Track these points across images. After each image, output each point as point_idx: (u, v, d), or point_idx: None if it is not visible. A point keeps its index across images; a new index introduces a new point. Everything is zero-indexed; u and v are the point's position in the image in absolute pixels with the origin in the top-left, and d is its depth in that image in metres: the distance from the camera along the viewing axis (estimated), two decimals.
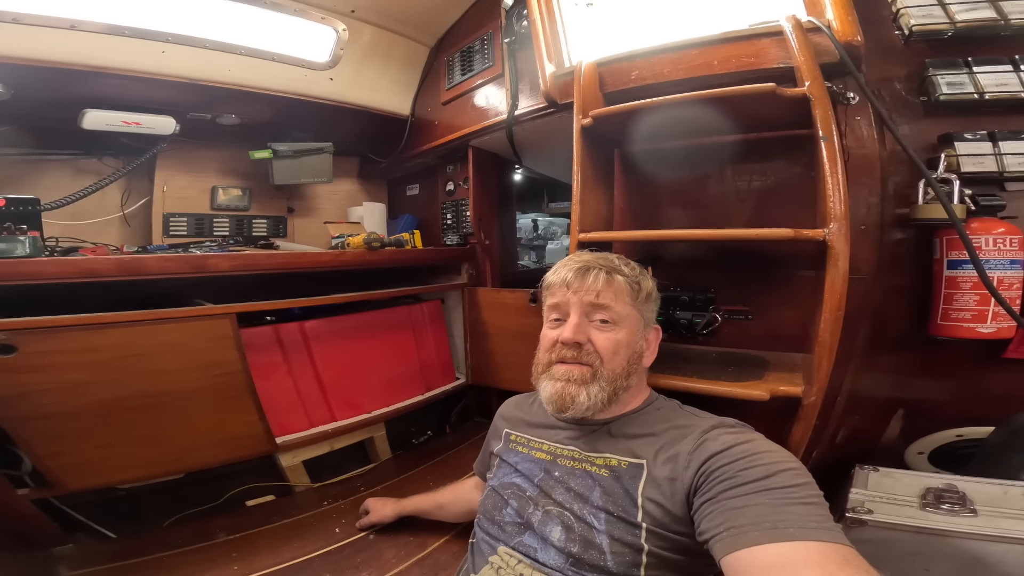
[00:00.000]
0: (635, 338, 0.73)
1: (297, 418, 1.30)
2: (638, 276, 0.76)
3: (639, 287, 0.74)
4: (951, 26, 0.83)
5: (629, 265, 0.77)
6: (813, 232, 0.72)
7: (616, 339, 0.71)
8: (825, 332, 0.72)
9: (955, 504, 0.79)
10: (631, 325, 0.73)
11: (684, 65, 0.93)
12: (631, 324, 0.73)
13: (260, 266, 1.21)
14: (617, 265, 0.75)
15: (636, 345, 0.73)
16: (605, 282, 0.72)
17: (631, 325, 0.73)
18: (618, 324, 0.72)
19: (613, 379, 0.70)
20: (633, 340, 0.73)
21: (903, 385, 1.06)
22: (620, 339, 0.71)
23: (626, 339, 0.72)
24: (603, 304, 0.71)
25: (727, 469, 0.58)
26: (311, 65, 1.51)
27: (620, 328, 0.72)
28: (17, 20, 1.04)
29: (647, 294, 0.76)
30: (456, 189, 1.80)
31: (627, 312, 0.73)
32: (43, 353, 0.90)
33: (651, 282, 0.78)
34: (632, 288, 0.74)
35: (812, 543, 0.48)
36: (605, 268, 0.73)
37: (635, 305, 0.74)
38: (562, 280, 0.74)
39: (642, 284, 0.75)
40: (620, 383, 0.72)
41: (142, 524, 1.15)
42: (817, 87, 0.72)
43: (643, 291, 0.75)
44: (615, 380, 0.71)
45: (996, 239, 0.82)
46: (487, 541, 0.75)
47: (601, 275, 0.72)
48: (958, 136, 0.86)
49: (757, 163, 1.01)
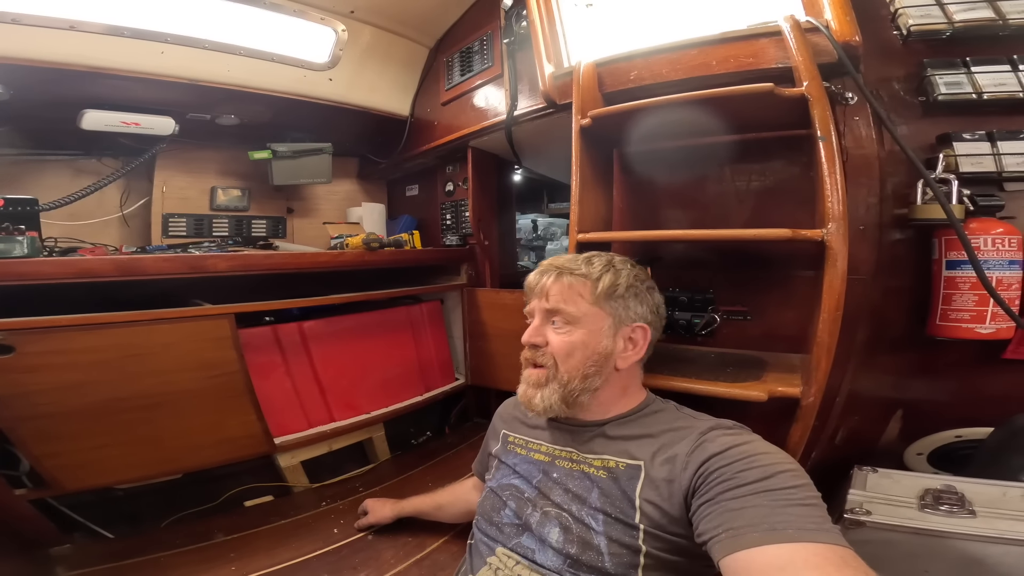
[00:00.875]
0: (595, 338, 0.71)
1: (295, 418, 1.30)
2: (599, 273, 0.72)
3: (599, 283, 0.72)
4: (949, 26, 0.83)
5: (592, 263, 0.74)
6: (811, 232, 0.72)
7: (570, 341, 0.71)
8: (824, 332, 0.72)
9: (954, 505, 0.79)
10: (589, 325, 0.71)
11: (683, 65, 0.92)
12: (589, 324, 0.71)
13: (259, 266, 1.21)
14: (574, 266, 0.74)
15: (597, 345, 0.71)
16: (555, 285, 0.73)
17: (589, 325, 0.71)
18: (573, 325, 0.71)
19: (567, 381, 0.70)
20: (592, 340, 0.71)
21: (902, 386, 1.06)
22: (574, 340, 0.71)
23: (581, 340, 0.71)
24: (554, 308, 0.72)
25: (725, 471, 0.58)
26: (310, 66, 1.51)
27: (576, 329, 0.71)
28: (17, 20, 1.04)
29: (613, 289, 0.72)
30: (455, 190, 1.80)
31: (583, 312, 0.71)
32: (41, 353, 0.90)
33: (625, 277, 0.73)
34: (589, 286, 0.72)
35: (810, 544, 0.48)
36: (557, 271, 0.74)
37: (597, 304, 0.71)
38: (528, 286, 0.77)
39: (607, 280, 0.72)
40: (576, 385, 0.70)
41: (140, 524, 1.15)
42: (815, 87, 0.72)
43: (608, 287, 0.71)
44: (569, 382, 0.70)
45: (995, 239, 0.82)
46: (485, 542, 0.75)
47: (551, 277, 0.73)
48: (956, 136, 0.85)
49: (756, 163, 1.01)
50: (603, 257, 0.76)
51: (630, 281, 0.74)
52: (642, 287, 0.76)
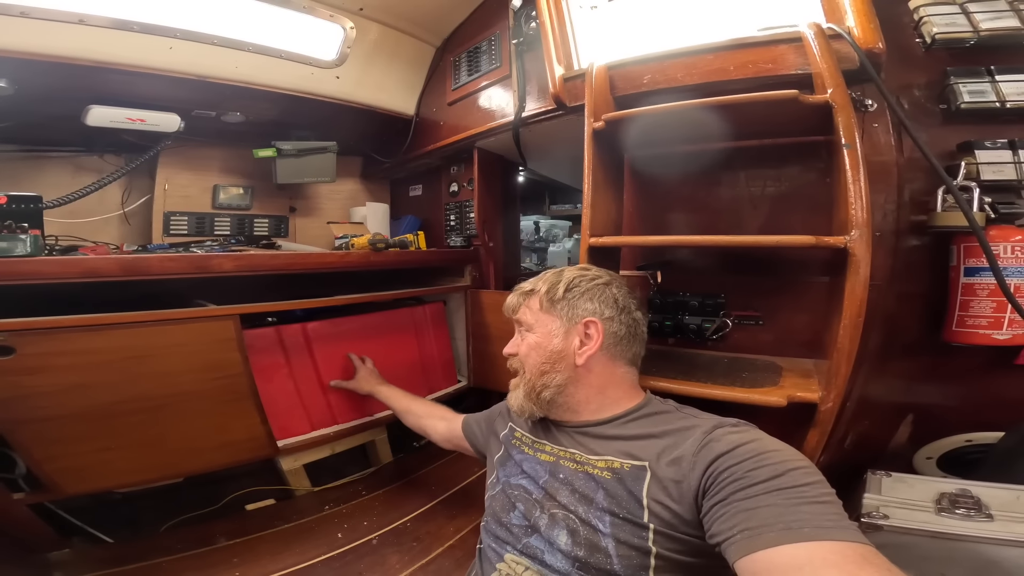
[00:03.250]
0: (546, 339, 0.78)
1: (299, 421, 1.28)
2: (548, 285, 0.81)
3: (542, 291, 0.81)
4: (974, 35, 0.83)
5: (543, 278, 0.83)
6: (834, 239, 0.71)
7: (528, 344, 0.80)
8: (844, 339, 0.71)
9: (970, 509, 0.79)
10: (541, 328, 0.79)
11: (699, 70, 0.92)
12: (541, 327, 0.79)
13: (265, 267, 1.19)
14: (528, 286, 0.84)
15: (548, 345, 0.78)
16: (516, 303, 0.84)
17: (541, 328, 0.79)
18: (530, 332, 0.81)
19: (529, 379, 0.79)
20: (544, 341, 0.78)
21: (913, 390, 1.06)
22: (530, 342, 0.80)
23: (535, 341, 0.79)
24: (517, 319, 0.84)
25: (735, 470, 0.57)
26: (318, 63, 1.49)
27: (531, 334, 0.80)
28: (25, 14, 1.02)
29: (553, 294, 0.79)
30: (460, 190, 1.78)
31: (535, 319, 0.80)
32: (42, 355, 0.87)
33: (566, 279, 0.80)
34: (541, 298, 0.81)
35: (829, 542, 0.47)
36: (518, 292, 0.85)
37: (544, 310, 0.80)
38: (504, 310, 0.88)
39: (545, 287, 0.81)
40: (535, 381, 0.78)
41: (140, 529, 1.13)
42: (840, 94, 0.72)
43: (547, 292, 0.80)
44: (531, 380, 0.79)
45: (1014, 247, 0.82)
46: (493, 547, 0.75)
47: (515, 298, 0.85)
48: (978, 144, 0.86)
49: (771, 169, 1.01)
50: (556, 270, 0.85)
51: (571, 283, 0.80)
52: (589, 284, 0.80)
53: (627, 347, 0.79)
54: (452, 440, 1.07)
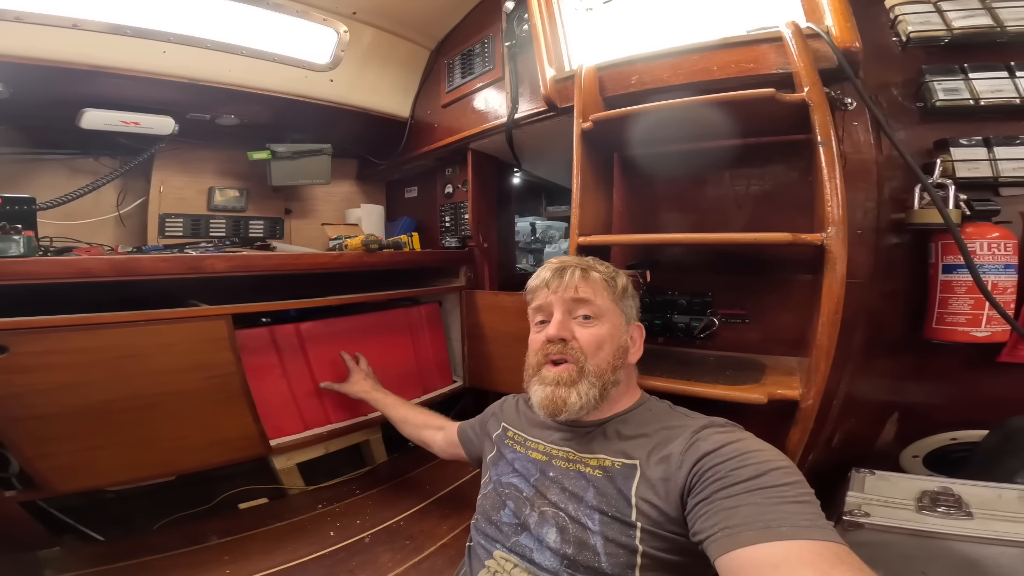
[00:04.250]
0: (618, 332, 0.74)
1: (292, 420, 1.29)
2: (613, 273, 0.78)
3: (615, 283, 0.77)
4: (948, 33, 0.84)
5: (604, 264, 0.80)
6: (811, 236, 0.72)
7: (599, 333, 0.72)
8: (823, 335, 0.72)
9: (951, 507, 0.79)
10: (613, 320, 0.74)
11: (684, 70, 0.93)
12: (613, 319, 0.74)
13: (257, 267, 1.20)
14: (592, 263, 0.78)
15: (620, 339, 0.74)
16: (582, 278, 0.74)
17: (613, 320, 0.74)
18: (600, 319, 0.73)
19: (600, 374, 0.71)
20: (616, 334, 0.74)
21: (898, 389, 1.06)
22: (603, 333, 0.72)
23: (609, 333, 0.73)
24: (583, 298, 0.73)
25: (719, 469, 0.58)
26: (312, 66, 1.51)
27: (602, 323, 0.73)
28: (20, 19, 1.03)
29: (623, 290, 0.78)
30: (455, 192, 1.80)
31: (607, 306, 0.74)
32: (34, 354, 0.88)
33: (626, 278, 0.80)
34: (609, 284, 0.76)
35: (805, 542, 0.48)
36: (580, 266, 0.76)
37: (614, 300, 0.76)
38: (543, 282, 0.77)
39: (618, 281, 0.78)
40: (608, 378, 0.72)
41: (131, 527, 1.13)
42: (816, 93, 0.73)
43: (619, 287, 0.78)
44: (602, 375, 0.71)
45: (990, 244, 0.83)
46: (483, 544, 0.75)
47: (577, 272, 0.75)
48: (954, 142, 0.87)
49: (755, 168, 1.02)
50: (599, 260, 0.81)
51: (628, 284, 0.80)
52: (632, 289, 0.81)
53: None
54: (450, 450, 1.06)
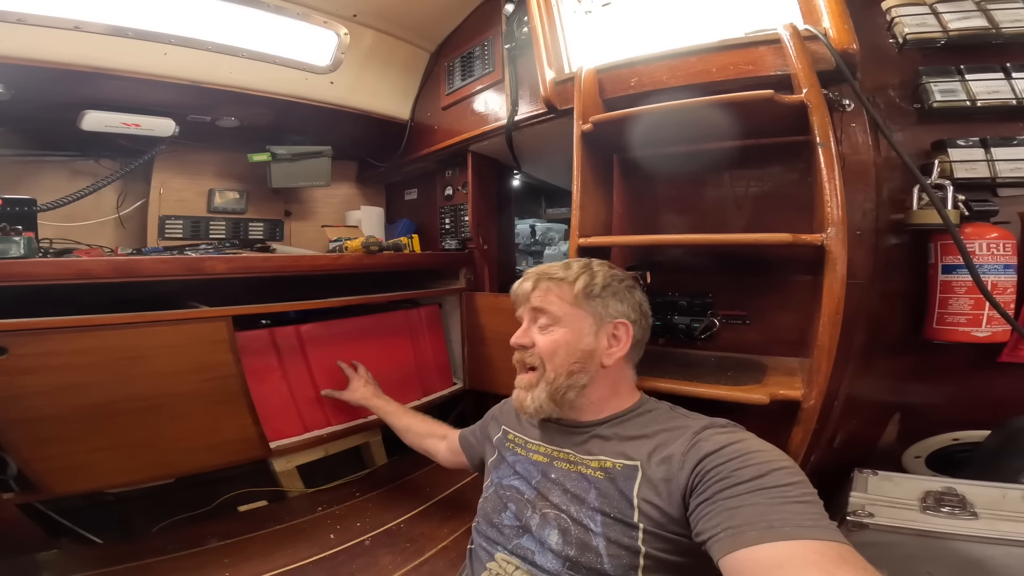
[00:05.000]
0: (577, 336, 0.74)
1: (292, 422, 1.28)
2: (576, 275, 0.76)
3: (574, 285, 0.75)
4: (944, 34, 0.85)
5: (571, 267, 0.78)
6: (811, 237, 0.72)
7: (554, 339, 0.74)
8: (824, 336, 0.72)
9: (955, 507, 0.79)
10: (572, 324, 0.74)
11: (683, 72, 0.94)
12: (572, 323, 0.74)
13: (257, 269, 1.20)
14: (552, 271, 0.78)
15: (579, 343, 0.74)
16: (536, 288, 0.77)
17: (572, 324, 0.74)
18: (555, 325, 0.75)
19: (553, 379, 0.73)
20: (575, 339, 0.74)
21: (899, 389, 1.06)
22: (558, 339, 0.74)
23: (565, 338, 0.74)
24: (539, 307, 0.76)
25: (721, 469, 0.58)
26: (312, 68, 1.51)
27: (558, 328, 0.74)
28: (22, 20, 1.04)
29: (590, 289, 0.75)
30: (455, 194, 1.80)
31: (565, 311, 0.75)
32: (34, 355, 0.88)
33: (599, 277, 0.76)
34: (567, 287, 0.75)
35: (808, 542, 0.48)
36: (539, 276, 0.78)
37: (575, 303, 0.75)
38: (514, 293, 0.82)
39: (583, 281, 0.75)
40: (561, 382, 0.73)
41: (130, 530, 1.13)
42: (814, 94, 0.74)
43: (584, 287, 0.75)
44: (555, 379, 0.73)
45: (989, 244, 0.83)
46: (484, 547, 0.75)
47: (534, 282, 0.78)
48: (951, 143, 0.87)
49: (754, 169, 1.02)
50: (580, 261, 0.80)
51: (606, 280, 0.77)
52: (620, 286, 0.78)
53: (640, 351, 0.81)
54: (453, 458, 1.06)
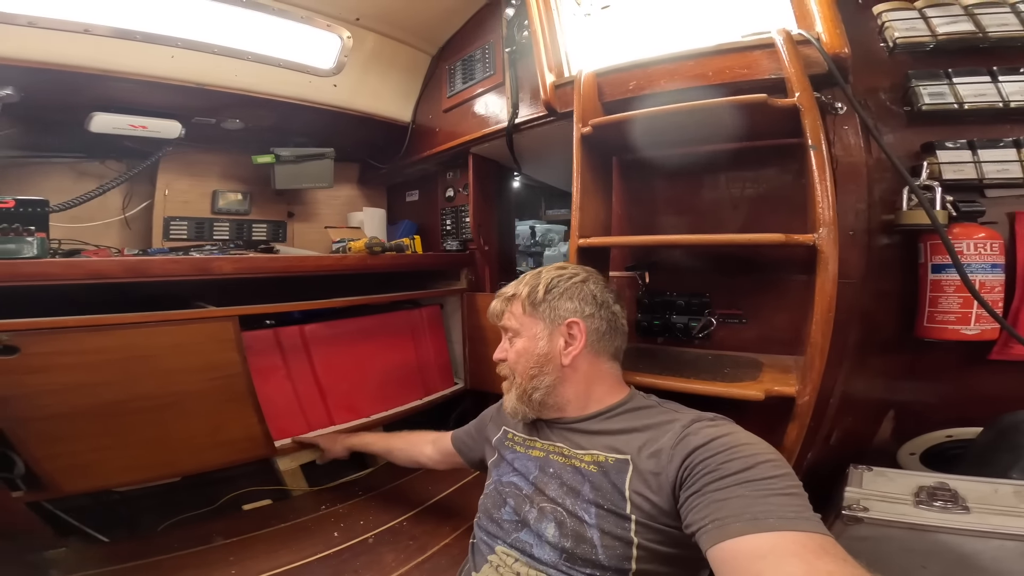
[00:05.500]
0: (532, 344, 0.80)
1: (296, 421, 1.30)
2: (528, 287, 0.83)
3: (523, 295, 0.82)
4: (933, 39, 0.87)
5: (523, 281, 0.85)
6: (803, 237, 0.74)
7: (516, 350, 0.82)
8: (817, 333, 0.74)
9: (948, 502, 0.80)
10: (527, 332, 0.81)
11: (680, 76, 0.96)
12: (527, 331, 0.81)
13: (264, 269, 1.22)
14: (510, 290, 0.86)
15: (535, 349, 0.80)
16: (500, 308, 0.86)
17: (527, 332, 0.81)
18: (517, 336, 0.82)
19: (519, 383, 0.81)
20: (530, 346, 0.80)
21: (893, 387, 1.08)
22: (519, 348, 0.81)
23: (523, 347, 0.81)
24: (503, 325, 0.85)
25: (709, 462, 0.59)
26: (316, 72, 1.53)
27: (519, 339, 0.82)
28: (33, 23, 1.06)
29: (534, 297, 0.81)
30: (456, 195, 1.82)
31: (521, 322, 0.82)
32: (45, 354, 0.90)
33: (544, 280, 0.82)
34: (523, 302, 0.82)
35: (791, 533, 0.50)
36: (500, 298, 0.86)
37: (528, 313, 0.81)
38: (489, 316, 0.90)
39: (526, 291, 0.82)
40: (525, 385, 0.80)
41: (137, 528, 1.14)
42: (806, 97, 0.76)
43: (528, 296, 0.81)
44: (521, 383, 0.81)
45: (977, 244, 0.85)
46: (485, 541, 0.77)
47: (499, 304, 0.86)
48: (939, 145, 0.89)
49: (750, 171, 1.04)
50: (533, 272, 0.86)
51: (550, 284, 0.81)
52: (566, 284, 0.81)
53: (609, 342, 0.81)
54: (446, 460, 1.08)
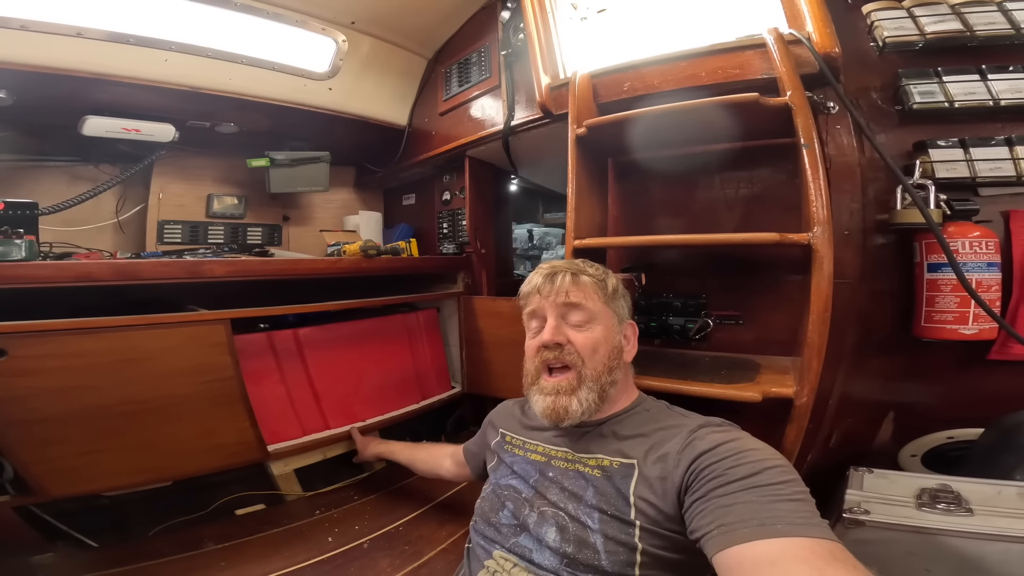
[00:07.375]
0: (611, 334, 0.75)
1: (289, 426, 1.28)
2: (603, 275, 0.79)
3: (606, 284, 0.77)
4: (921, 37, 0.87)
5: (593, 266, 0.80)
6: (798, 236, 0.74)
7: (594, 336, 0.73)
8: (813, 334, 0.74)
9: (950, 504, 0.79)
10: (605, 321, 0.75)
11: (673, 76, 0.96)
12: (605, 320, 0.75)
13: (256, 272, 1.21)
14: (581, 267, 0.78)
15: (614, 340, 0.75)
16: (572, 282, 0.75)
17: (605, 321, 0.75)
18: (592, 322, 0.74)
19: (597, 377, 0.72)
20: (610, 336, 0.75)
21: (892, 388, 1.07)
22: (597, 336, 0.73)
23: (603, 335, 0.74)
24: (575, 303, 0.74)
25: (715, 467, 0.59)
26: (311, 75, 1.54)
27: (595, 325, 0.74)
28: (25, 27, 1.06)
29: (614, 290, 0.78)
30: (452, 199, 1.82)
31: (599, 309, 0.75)
32: (34, 357, 0.88)
33: (616, 279, 0.80)
34: (600, 286, 0.77)
35: (800, 539, 0.49)
36: (570, 270, 0.76)
37: (605, 302, 0.76)
38: (534, 287, 0.77)
39: (608, 282, 0.78)
40: (605, 379, 0.73)
41: (126, 533, 1.12)
42: (798, 96, 0.76)
43: (610, 288, 0.78)
44: (599, 378, 0.72)
45: (972, 242, 0.85)
46: (482, 545, 0.75)
47: (568, 276, 0.75)
48: (932, 143, 0.89)
49: (744, 171, 1.04)
50: (585, 261, 0.82)
51: (618, 284, 0.80)
52: (622, 288, 0.81)
53: None
54: (463, 472, 1.06)
